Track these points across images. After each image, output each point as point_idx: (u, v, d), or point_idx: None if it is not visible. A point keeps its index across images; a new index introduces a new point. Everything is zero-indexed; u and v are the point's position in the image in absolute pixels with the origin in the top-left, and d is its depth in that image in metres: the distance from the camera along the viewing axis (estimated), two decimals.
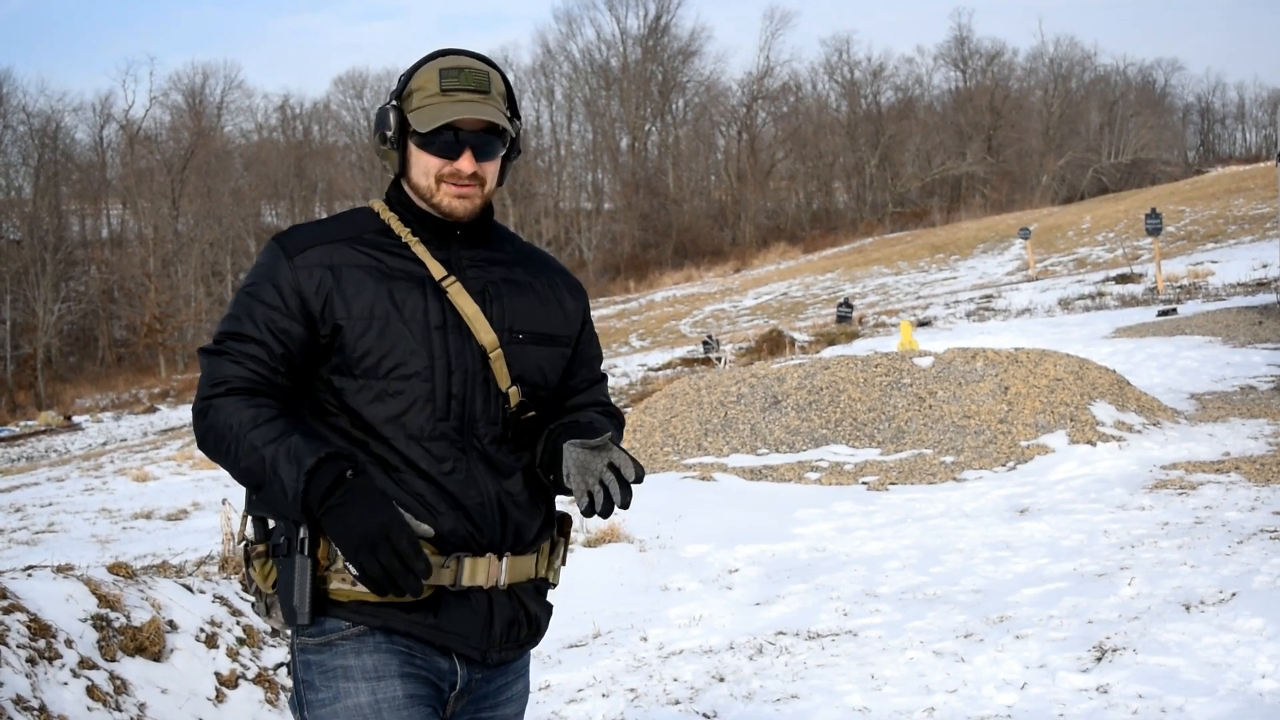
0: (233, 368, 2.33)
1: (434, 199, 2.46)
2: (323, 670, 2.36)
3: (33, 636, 4.37)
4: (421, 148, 2.44)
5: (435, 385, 2.40)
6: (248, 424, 2.26)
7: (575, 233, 70.86)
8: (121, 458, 24.23)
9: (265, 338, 2.34)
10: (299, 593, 2.28)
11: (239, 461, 2.26)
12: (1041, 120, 75.43)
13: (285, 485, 2.20)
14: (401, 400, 2.38)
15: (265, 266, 2.41)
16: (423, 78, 2.45)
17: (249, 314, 2.37)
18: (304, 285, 2.37)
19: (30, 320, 57.20)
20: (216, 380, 2.32)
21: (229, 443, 2.27)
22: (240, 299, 2.40)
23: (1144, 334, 16.76)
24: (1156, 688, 4.84)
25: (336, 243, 2.42)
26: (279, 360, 2.35)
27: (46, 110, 66.02)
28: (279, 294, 2.37)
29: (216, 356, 2.35)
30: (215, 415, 2.30)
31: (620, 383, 23.00)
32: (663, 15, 74.13)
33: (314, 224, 2.48)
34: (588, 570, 7.67)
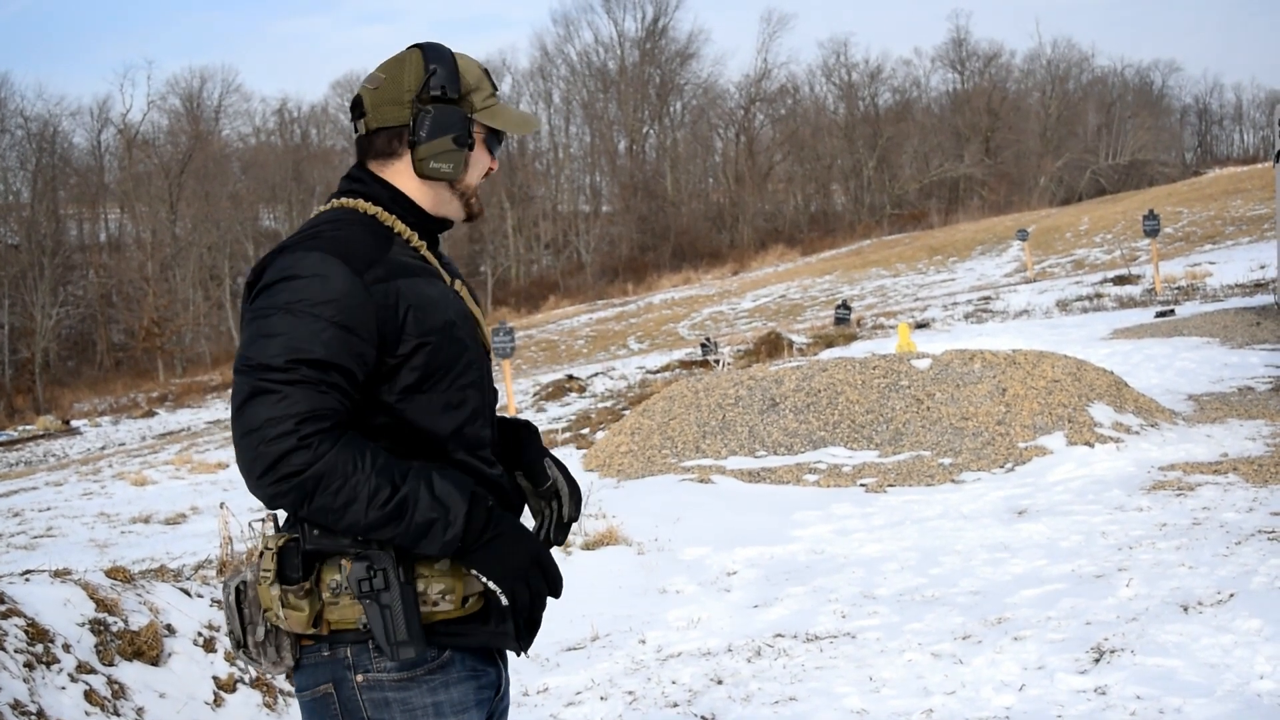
0: (319, 398, 2.13)
1: (472, 199, 2.45)
2: (407, 708, 2.25)
3: (30, 641, 4.37)
4: (488, 147, 2.44)
5: (484, 391, 2.41)
6: (369, 464, 2.12)
7: (573, 235, 70.85)
8: (120, 462, 24.21)
9: (347, 363, 2.17)
10: (408, 625, 2.17)
11: (367, 506, 2.11)
12: (1039, 122, 75.46)
13: (437, 527, 2.14)
14: (464, 410, 2.35)
15: (330, 283, 2.18)
16: (473, 75, 2.43)
17: (319, 337, 2.15)
18: (380, 304, 2.22)
19: (28, 324, 57.15)
20: (303, 414, 2.11)
21: (350, 485, 2.10)
22: (303, 320, 2.16)
23: (1142, 335, 16.76)
24: (1154, 689, 4.84)
25: (386, 252, 2.30)
26: (357, 389, 2.20)
27: (44, 114, 66.05)
28: (354, 315, 2.19)
29: (295, 386, 2.12)
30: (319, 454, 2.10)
31: (618, 385, 22.99)
32: (660, 18, 74.20)
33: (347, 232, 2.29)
34: (586, 573, 7.67)
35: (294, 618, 2.20)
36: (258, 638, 2.27)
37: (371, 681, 2.24)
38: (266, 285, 2.22)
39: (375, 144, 2.41)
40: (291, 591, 2.19)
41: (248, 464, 2.11)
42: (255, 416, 2.11)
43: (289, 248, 2.25)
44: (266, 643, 2.27)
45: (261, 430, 2.10)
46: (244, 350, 2.18)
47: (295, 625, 2.21)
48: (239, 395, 2.15)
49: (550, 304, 56.13)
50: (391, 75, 2.39)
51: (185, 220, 63.86)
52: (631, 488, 10.69)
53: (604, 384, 23.57)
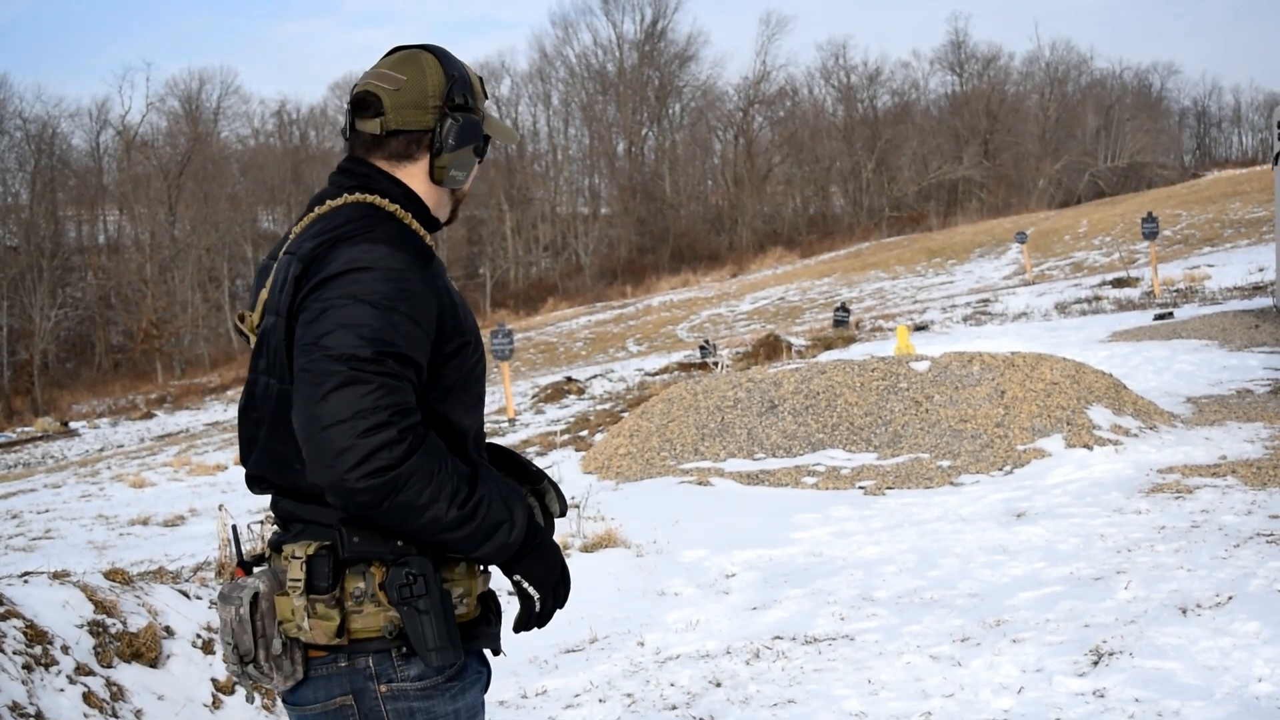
0: (406, 393, 2.11)
1: (462, 202, 2.49)
2: (431, 718, 2.24)
3: (29, 643, 4.36)
4: (479, 156, 2.45)
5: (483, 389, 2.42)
6: (449, 463, 2.12)
7: (572, 237, 70.85)
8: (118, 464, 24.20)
9: (419, 359, 2.16)
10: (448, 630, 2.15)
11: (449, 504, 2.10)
12: (1038, 124, 75.50)
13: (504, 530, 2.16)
14: (480, 410, 2.37)
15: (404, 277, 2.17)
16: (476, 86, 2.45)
17: (399, 330, 2.13)
18: (440, 300, 2.23)
19: (27, 326, 57.16)
20: (397, 406, 2.08)
21: (436, 482, 2.09)
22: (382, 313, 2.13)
23: (1140, 338, 16.77)
24: (1153, 691, 4.85)
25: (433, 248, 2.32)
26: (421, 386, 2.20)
27: (43, 116, 66.12)
28: (427, 314, 2.19)
29: (385, 378, 2.09)
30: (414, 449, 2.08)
31: (617, 387, 22.99)
32: (659, 20, 74.22)
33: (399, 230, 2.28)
34: (584, 575, 7.67)
35: (321, 628, 2.17)
36: (274, 651, 2.22)
37: (395, 691, 2.21)
38: (335, 275, 2.17)
39: (390, 145, 2.39)
40: (321, 601, 2.16)
41: (334, 455, 2.04)
42: (344, 406, 2.05)
43: (349, 238, 2.22)
44: (283, 656, 2.23)
45: (352, 421, 2.04)
46: (319, 338, 2.11)
47: (320, 636, 2.18)
48: (325, 382, 2.07)
49: (549, 306, 56.15)
50: (413, 79, 2.36)
51: (184, 222, 63.87)
52: (630, 490, 10.69)
53: (602, 386, 23.57)
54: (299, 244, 2.27)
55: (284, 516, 2.29)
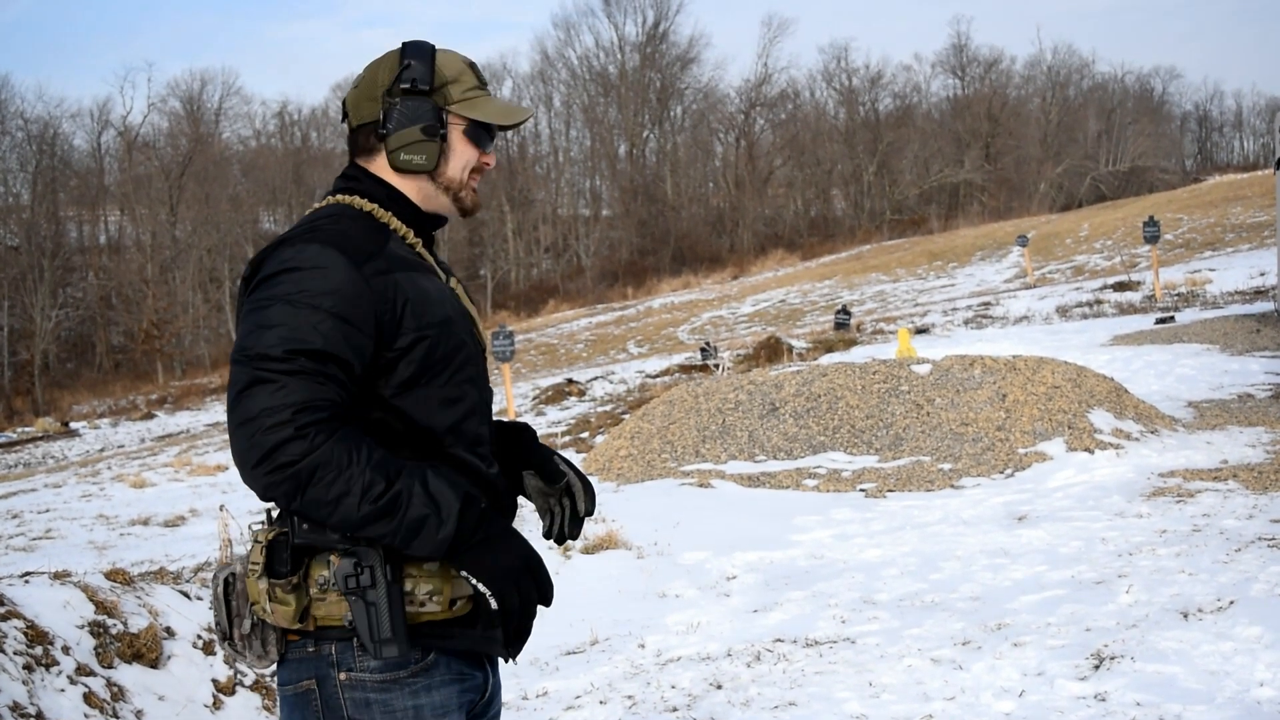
0: (317, 389, 2.11)
1: (461, 192, 2.43)
2: (387, 710, 2.24)
3: (30, 643, 4.36)
4: (472, 139, 2.41)
5: (480, 388, 2.40)
6: (364, 458, 2.10)
7: (573, 239, 70.88)
8: (119, 464, 24.21)
9: (345, 355, 2.16)
10: (393, 623, 2.15)
11: (360, 499, 2.09)
12: (1039, 128, 75.52)
13: (430, 525, 2.12)
14: (462, 406, 2.34)
15: (329, 274, 2.18)
16: (453, 68, 2.41)
17: (318, 328, 2.14)
18: (378, 296, 2.22)
19: (28, 326, 57.20)
20: (300, 404, 2.09)
21: (344, 478, 2.08)
22: (302, 311, 2.15)
23: (1142, 342, 16.77)
24: (1154, 695, 4.84)
25: (387, 245, 2.30)
26: (355, 381, 2.19)
27: (44, 116, 66.30)
28: (353, 306, 2.18)
29: (293, 376, 2.11)
30: (315, 446, 2.08)
31: (618, 389, 23.00)
32: (661, 22, 74.25)
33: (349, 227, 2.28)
34: (585, 577, 7.67)
35: (280, 612, 2.19)
36: (244, 630, 2.26)
37: (354, 681, 2.23)
38: (266, 277, 2.21)
39: (359, 141, 2.43)
40: (279, 585, 2.19)
41: (243, 453, 2.09)
42: (252, 406, 2.09)
43: (287, 240, 2.25)
44: (253, 636, 2.26)
45: (258, 419, 2.08)
46: (242, 340, 2.16)
47: (281, 620, 2.20)
48: (236, 385, 2.12)
49: (550, 308, 56.16)
50: (369, 73, 2.41)
51: (185, 223, 63.91)
52: (631, 492, 10.69)
53: (603, 388, 23.58)
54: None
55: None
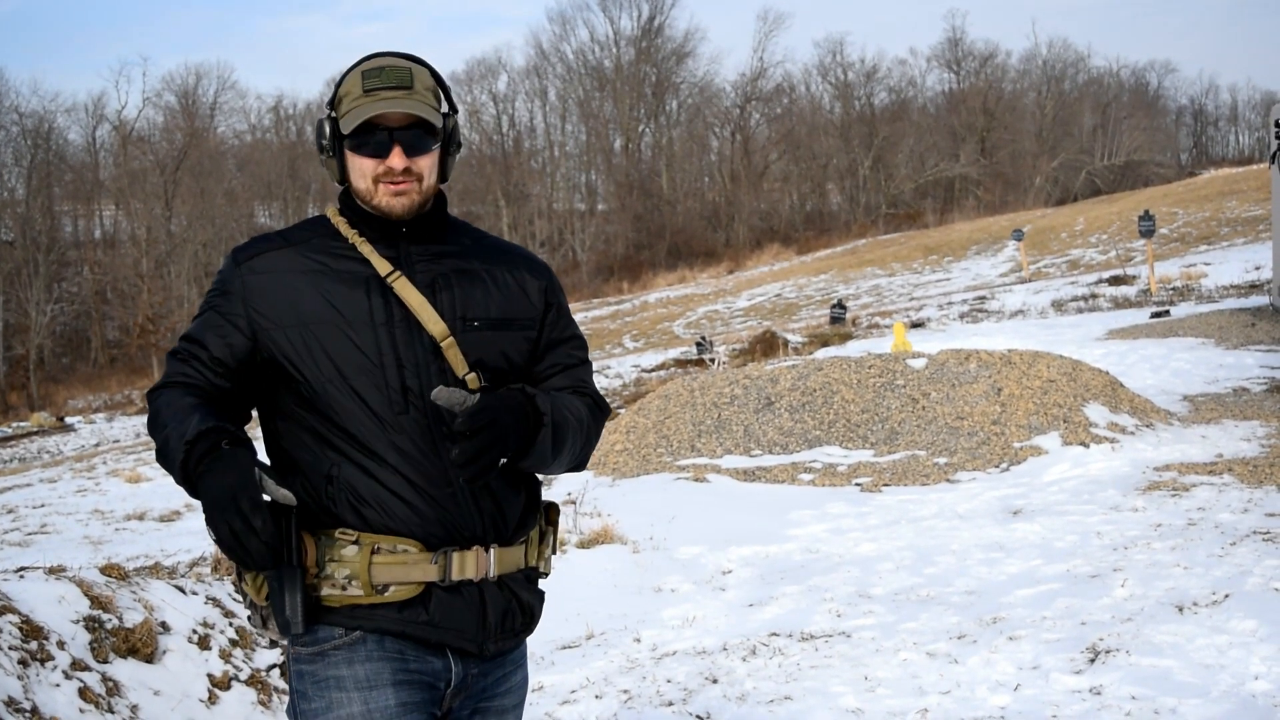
0: (180, 365, 2.46)
1: (374, 200, 2.49)
2: (315, 680, 2.39)
3: (25, 638, 4.36)
4: (354, 151, 2.48)
5: (387, 380, 2.43)
6: (166, 410, 2.37)
7: (569, 234, 70.83)
8: (114, 459, 24.18)
9: (209, 341, 2.45)
10: (290, 602, 2.30)
11: (159, 447, 2.35)
12: (1035, 122, 75.52)
13: (174, 460, 2.27)
14: (358, 398, 2.42)
15: (220, 274, 2.52)
16: (348, 83, 2.50)
17: (202, 319, 2.49)
18: (249, 292, 2.46)
19: (23, 321, 57.10)
20: (166, 377, 2.47)
21: (156, 431, 2.38)
22: (200, 307, 2.52)
23: (1137, 336, 16.78)
24: (1149, 689, 4.84)
25: (284, 249, 2.50)
26: (216, 363, 2.44)
27: (39, 110, 65.95)
28: (227, 300, 2.47)
29: (171, 356, 2.49)
30: (153, 404, 2.43)
31: (614, 384, 23.00)
32: (656, 16, 74.22)
33: (271, 233, 2.57)
34: (581, 571, 7.67)
35: (250, 591, 2.38)
36: (247, 606, 2.43)
37: (295, 654, 2.43)
38: None
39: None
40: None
41: None
42: None
43: None
44: (253, 612, 2.41)
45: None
46: None
47: (255, 598, 2.38)
48: None
49: None
50: None
51: (180, 217, 63.79)
52: (626, 486, 10.69)
53: (599, 382, 23.58)
54: None
55: None
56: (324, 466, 2.39)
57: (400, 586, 2.37)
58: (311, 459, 2.41)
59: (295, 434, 2.44)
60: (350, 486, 2.37)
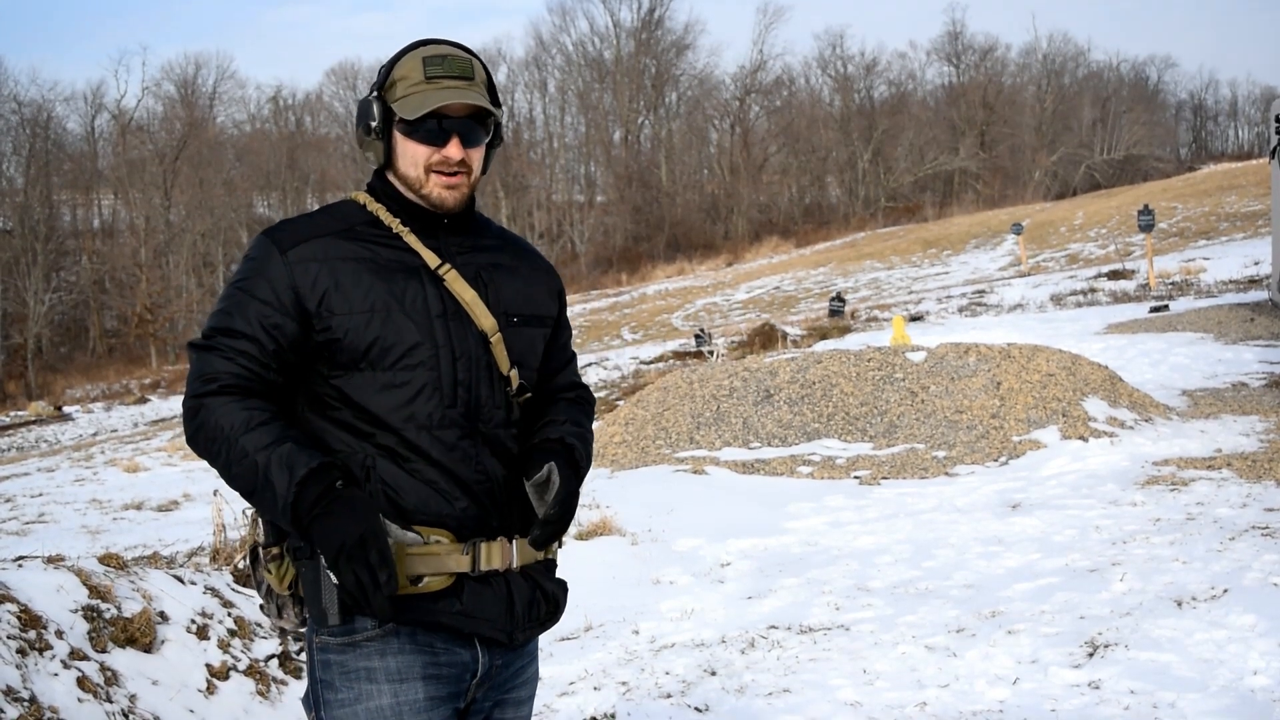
0: (224, 364, 2.33)
1: (423, 189, 2.47)
2: (344, 671, 2.38)
3: (23, 627, 4.35)
4: (409, 136, 2.46)
5: (441, 373, 2.43)
6: (240, 427, 2.26)
7: (567, 225, 70.78)
8: (112, 448, 24.17)
9: (258, 334, 2.35)
10: (327, 594, 2.28)
11: (230, 466, 2.27)
12: (1034, 116, 75.48)
13: (277, 493, 2.22)
14: (408, 390, 2.40)
15: (258, 261, 2.40)
16: (406, 67, 2.46)
17: (240, 309, 2.36)
18: (299, 281, 2.37)
19: (21, 310, 57.03)
20: (208, 376, 2.33)
21: (220, 445, 2.28)
22: (231, 294, 2.39)
23: (1136, 330, 16.77)
24: (1148, 683, 4.84)
25: (329, 236, 2.43)
26: (270, 357, 2.36)
27: (38, 99, 65.77)
28: (272, 290, 2.36)
29: (207, 352, 2.35)
30: (207, 415, 2.30)
31: (612, 375, 22.99)
32: (656, 8, 74.09)
33: (304, 218, 2.48)
34: (579, 563, 7.66)
35: (270, 580, 2.38)
36: (262, 595, 2.43)
37: (321, 643, 2.40)
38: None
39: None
40: (266, 555, 2.38)
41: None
42: (189, 374, 2.38)
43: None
44: (268, 601, 2.42)
45: (187, 387, 2.37)
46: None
47: (276, 586, 2.37)
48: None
49: None
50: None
51: (179, 207, 63.72)
52: (625, 478, 10.68)
53: (598, 374, 23.57)
54: None
55: None
56: (360, 458, 2.37)
57: (434, 577, 2.38)
58: (346, 450, 2.38)
59: (328, 424, 2.41)
60: (387, 478, 2.37)
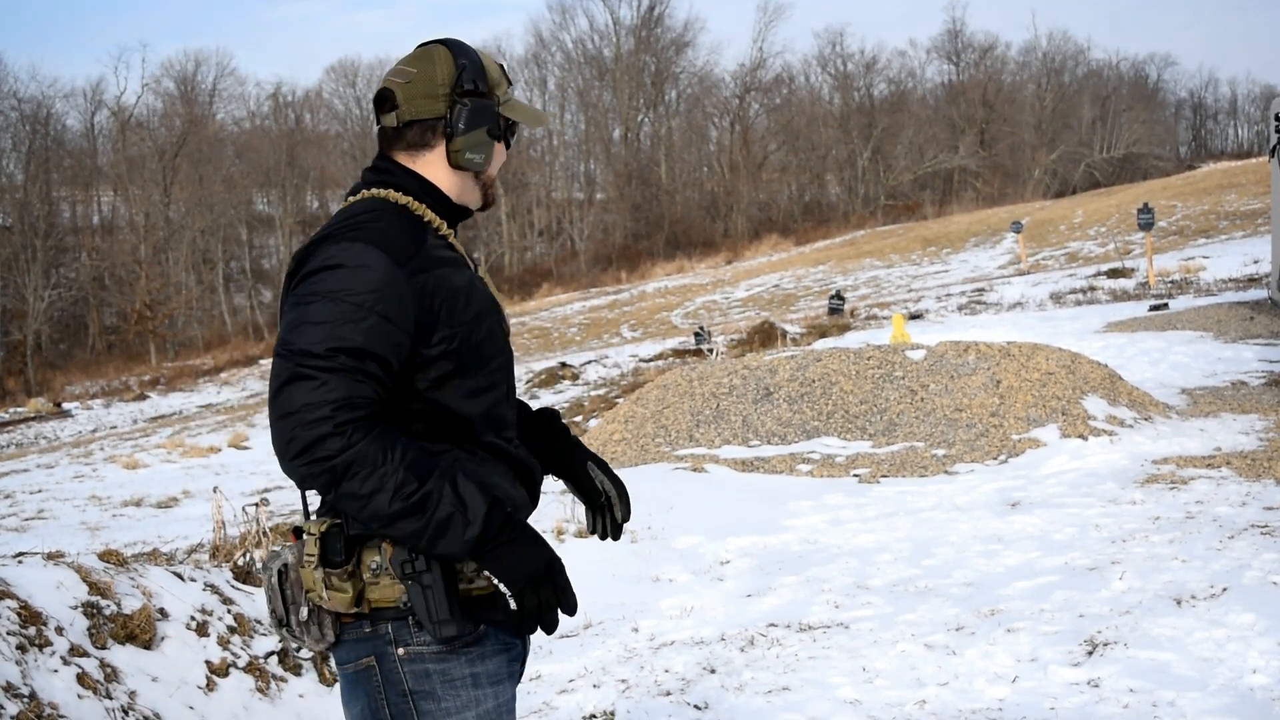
0: (357, 387, 2.19)
1: (490, 189, 2.57)
2: (447, 679, 2.35)
3: (23, 624, 4.35)
4: (500, 140, 2.53)
5: (510, 374, 2.50)
6: (398, 457, 2.19)
7: (567, 223, 70.77)
8: (111, 445, 24.18)
9: (386, 353, 2.24)
10: (448, 604, 2.27)
11: (392, 497, 2.17)
12: (1034, 114, 75.48)
13: (457, 524, 2.21)
14: (495, 393, 2.44)
15: (372, 273, 2.25)
16: (494, 71, 2.53)
17: (359, 326, 2.21)
18: (419, 295, 2.30)
19: (20, 306, 57.04)
20: (344, 401, 2.17)
21: (379, 477, 2.17)
22: (347, 309, 2.22)
23: (1135, 329, 16.77)
24: (1148, 682, 4.85)
25: (424, 243, 2.37)
26: (392, 378, 2.27)
27: (38, 96, 65.69)
28: (398, 305, 2.26)
29: (332, 374, 2.19)
30: (354, 443, 2.16)
31: (611, 373, 22.99)
32: (656, 6, 74.04)
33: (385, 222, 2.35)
34: (579, 561, 7.66)
35: (337, 599, 2.30)
36: (301, 617, 2.35)
37: (412, 654, 2.33)
38: (310, 272, 2.28)
39: (407, 136, 2.49)
40: (335, 574, 2.29)
41: (283, 445, 2.18)
42: (292, 401, 2.18)
43: (331, 237, 2.31)
44: (310, 622, 2.35)
45: (299, 414, 2.16)
46: (285, 334, 2.24)
47: (338, 605, 2.30)
48: (278, 378, 2.21)
49: (543, 291, 56.11)
50: (423, 70, 2.47)
51: (179, 204, 63.72)
52: (625, 476, 10.68)
53: (597, 372, 23.57)
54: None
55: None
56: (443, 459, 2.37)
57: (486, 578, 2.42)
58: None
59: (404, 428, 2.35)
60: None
